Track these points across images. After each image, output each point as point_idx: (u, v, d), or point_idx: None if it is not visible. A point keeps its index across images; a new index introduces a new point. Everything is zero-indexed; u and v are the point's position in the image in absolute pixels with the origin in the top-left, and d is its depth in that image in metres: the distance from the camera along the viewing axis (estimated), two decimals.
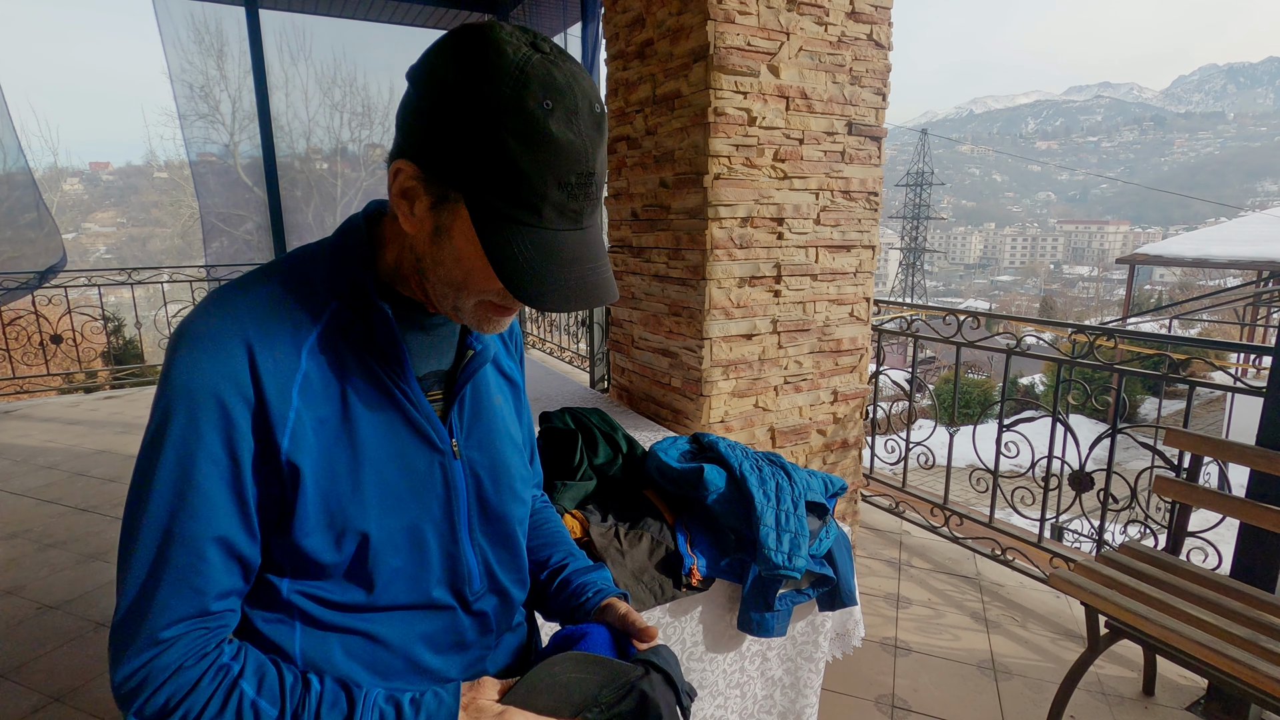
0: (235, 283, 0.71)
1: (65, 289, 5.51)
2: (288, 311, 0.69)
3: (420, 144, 0.63)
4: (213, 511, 0.65)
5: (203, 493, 0.64)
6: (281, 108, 5.49)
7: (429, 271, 0.69)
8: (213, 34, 5.21)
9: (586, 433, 1.88)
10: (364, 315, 0.71)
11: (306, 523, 0.68)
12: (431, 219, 0.66)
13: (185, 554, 0.64)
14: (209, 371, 0.64)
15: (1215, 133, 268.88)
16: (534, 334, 6.64)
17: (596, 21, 4.45)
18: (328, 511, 0.69)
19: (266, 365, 0.66)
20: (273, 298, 0.69)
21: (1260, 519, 1.91)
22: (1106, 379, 9.22)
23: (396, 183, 0.65)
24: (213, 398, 0.64)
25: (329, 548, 0.70)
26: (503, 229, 0.63)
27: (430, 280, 0.70)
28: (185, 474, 0.64)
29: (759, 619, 1.56)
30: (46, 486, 3.80)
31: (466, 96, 0.60)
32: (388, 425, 0.72)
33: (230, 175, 5.63)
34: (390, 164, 0.66)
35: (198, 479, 0.64)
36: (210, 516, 0.65)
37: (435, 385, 0.79)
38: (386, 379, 0.72)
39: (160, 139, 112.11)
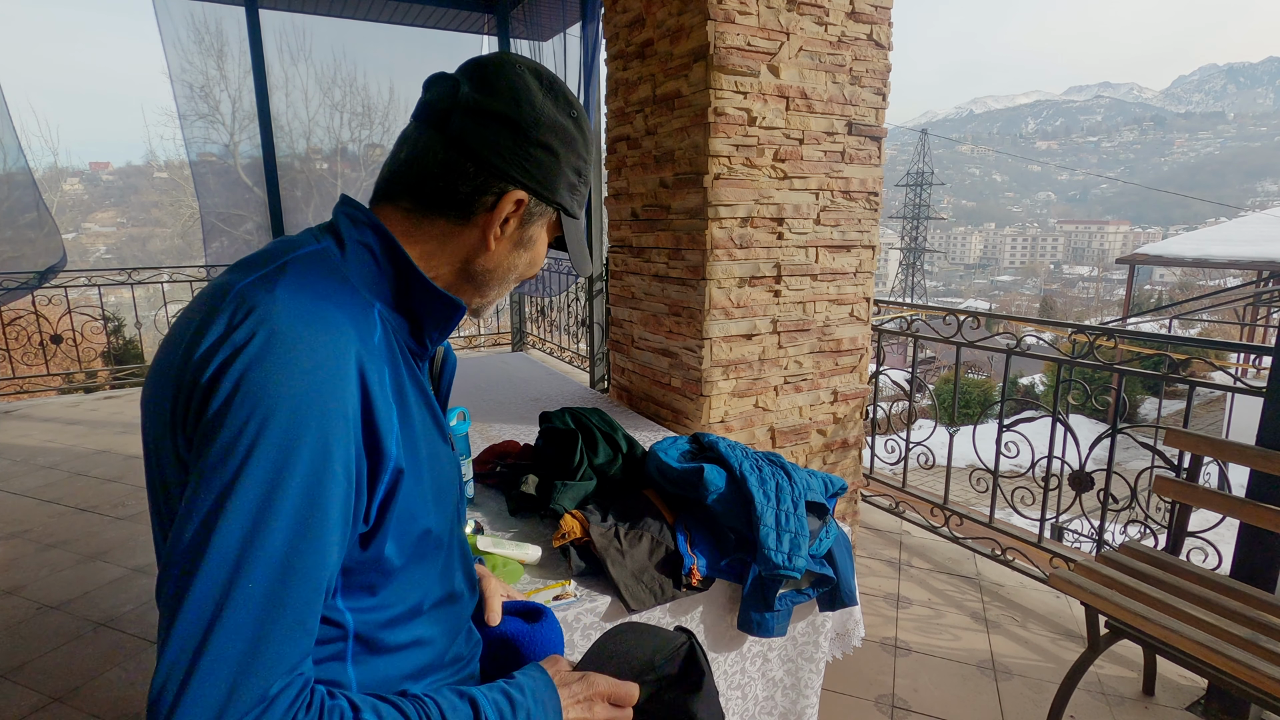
0: (288, 281, 0.62)
1: (65, 289, 5.51)
2: (358, 312, 0.65)
3: (525, 173, 0.73)
4: (332, 540, 0.58)
5: (328, 520, 0.57)
6: (281, 108, 5.48)
7: (490, 275, 0.77)
8: (213, 34, 5.21)
9: (586, 433, 1.88)
10: (411, 316, 0.72)
11: (389, 527, 0.65)
12: (519, 234, 0.76)
13: (306, 590, 0.56)
14: (325, 380, 0.57)
15: (1215, 133, 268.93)
16: (534, 334, 6.64)
17: (596, 21, 4.45)
18: (407, 511, 0.67)
19: (370, 371, 0.62)
20: (344, 299, 0.64)
21: (1260, 519, 1.91)
22: (1106, 379, 9.22)
23: (502, 210, 0.73)
24: (336, 409, 0.57)
25: (402, 549, 0.68)
26: (572, 228, 0.81)
27: (486, 282, 0.78)
28: (312, 498, 0.56)
29: (759, 619, 1.56)
30: (46, 486, 3.80)
31: (552, 131, 0.73)
32: (424, 424, 0.72)
33: (230, 175, 5.62)
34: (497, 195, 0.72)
35: (325, 504, 0.57)
36: (330, 546, 0.58)
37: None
38: (421, 378, 0.74)
39: (160, 139, 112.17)
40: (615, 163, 2.95)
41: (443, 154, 0.71)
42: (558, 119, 0.73)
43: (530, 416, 2.75)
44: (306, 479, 0.56)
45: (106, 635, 2.47)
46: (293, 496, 0.55)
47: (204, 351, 0.57)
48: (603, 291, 4.71)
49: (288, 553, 0.55)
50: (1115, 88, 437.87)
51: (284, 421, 0.55)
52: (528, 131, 0.71)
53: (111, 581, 2.84)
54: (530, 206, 0.75)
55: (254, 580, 0.53)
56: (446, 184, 0.71)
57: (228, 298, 0.60)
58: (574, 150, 0.76)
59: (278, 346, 0.57)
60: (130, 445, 4.48)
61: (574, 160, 0.76)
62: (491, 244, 0.74)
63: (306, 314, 0.60)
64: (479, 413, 2.83)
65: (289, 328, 0.58)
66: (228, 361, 0.56)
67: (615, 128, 2.92)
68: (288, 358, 0.56)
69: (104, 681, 2.23)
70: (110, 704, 2.12)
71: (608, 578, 1.48)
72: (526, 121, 0.71)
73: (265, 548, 0.54)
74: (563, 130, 0.74)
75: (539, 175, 0.74)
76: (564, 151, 0.75)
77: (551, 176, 0.75)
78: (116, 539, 3.20)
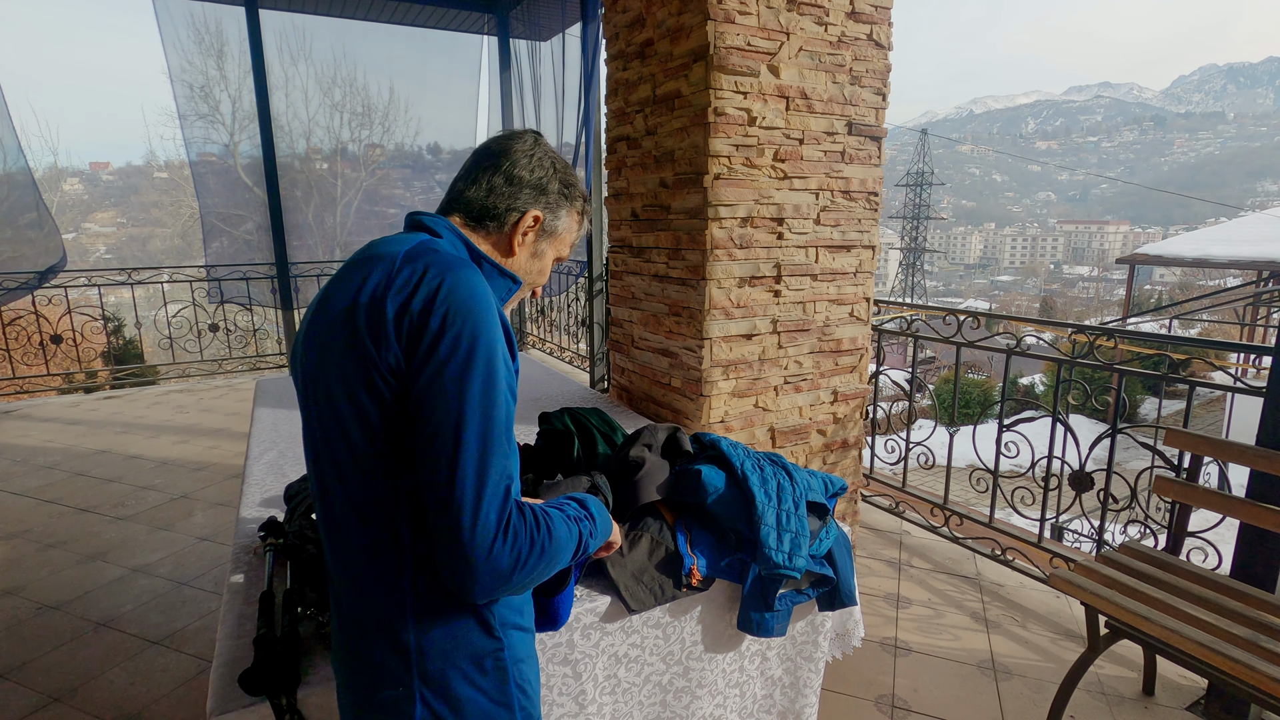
0: (457, 268, 0.89)
1: (65, 289, 5.51)
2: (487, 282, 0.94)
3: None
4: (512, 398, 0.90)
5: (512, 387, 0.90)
6: (281, 108, 5.48)
7: (515, 270, 1.08)
8: (213, 34, 5.21)
9: (585, 433, 1.88)
10: (504, 297, 1.04)
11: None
12: (535, 244, 1.08)
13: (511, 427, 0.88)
14: (493, 305, 0.88)
15: (1215, 133, 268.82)
16: (534, 334, 6.65)
17: (596, 21, 4.45)
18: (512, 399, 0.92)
19: (502, 316, 0.91)
20: (477, 272, 0.91)
21: (1260, 519, 1.91)
22: (1106, 379, 9.21)
23: (523, 225, 1.05)
24: (499, 322, 0.88)
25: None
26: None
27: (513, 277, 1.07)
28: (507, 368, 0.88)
29: (759, 619, 1.56)
30: (46, 486, 3.80)
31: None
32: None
33: (230, 175, 5.62)
34: (519, 214, 1.05)
35: (509, 376, 0.89)
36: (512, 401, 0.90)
37: None
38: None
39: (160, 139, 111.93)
40: (615, 163, 2.95)
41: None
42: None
43: (530, 416, 2.75)
44: (504, 358, 0.86)
45: (106, 635, 2.47)
46: (501, 368, 0.85)
47: (403, 293, 0.85)
48: (603, 291, 4.71)
49: (506, 405, 0.86)
50: (1115, 88, 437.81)
51: (486, 327, 0.85)
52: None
53: (111, 581, 2.84)
54: (545, 224, 1.07)
55: (495, 423, 0.84)
56: (492, 204, 1.04)
57: (398, 261, 0.88)
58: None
59: (464, 283, 0.86)
60: (130, 445, 4.48)
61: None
62: (516, 248, 1.06)
63: (468, 272, 0.88)
64: None
65: (462, 273, 0.87)
66: (433, 295, 0.84)
67: (615, 128, 2.92)
68: (473, 290, 0.86)
69: (104, 681, 2.23)
70: (110, 704, 2.12)
71: (607, 578, 1.48)
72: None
73: (496, 403, 0.84)
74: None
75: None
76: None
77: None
78: (116, 539, 3.20)
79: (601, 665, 1.48)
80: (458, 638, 0.90)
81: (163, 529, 3.30)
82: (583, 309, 5.26)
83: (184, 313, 6.01)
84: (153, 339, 6.67)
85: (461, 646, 0.90)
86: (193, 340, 6.07)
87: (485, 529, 0.80)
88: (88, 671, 2.27)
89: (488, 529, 0.81)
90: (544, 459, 1.92)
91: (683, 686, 1.61)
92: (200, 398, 5.67)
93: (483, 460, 0.82)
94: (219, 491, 3.76)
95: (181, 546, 3.13)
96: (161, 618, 2.58)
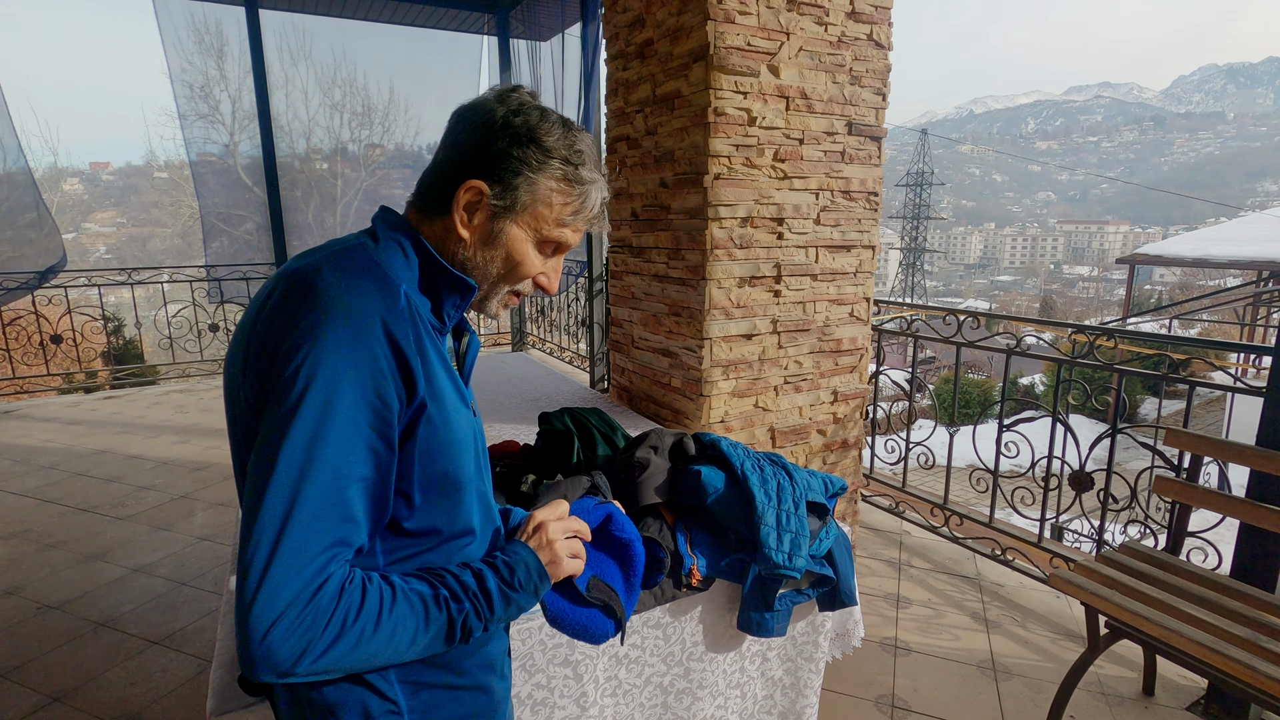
0: (333, 260, 0.78)
1: (65, 289, 5.51)
2: (385, 286, 0.78)
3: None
4: (367, 449, 0.74)
5: (365, 433, 0.74)
6: (281, 108, 5.48)
7: (473, 266, 0.87)
8: (213, 34, 5.21)
9: (585, 433, 1.88)
10: (430, 293, 0.84)
11: (414, 462, 0.78)
12: (489, 226, 0.86)
13: (351, 490, 0.73)
14: (358, 331, 0.73)
15: (1215, 133, 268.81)
16: (534, 334, 6.64)
17: (596, 21, 4.45)
18: (427, 451, 0.79)
19: (398, 329, 0.75)
20: (375, 276, 0.78)
21: (1260, 519, 1.91)
22: (1106, 379, 9.21)
23: (460, 201, 0.84)
24: (367, 353, 0.72)
25: (421, 485, 0.80)
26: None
27: (472, 274, 0.87)
28: (353, 418, 0.72)
29: (759, 619, 1.56)
30: (46, 486, 3.80)
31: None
32: (446, 384, 0.82)
33: (230, 175, 5.62)
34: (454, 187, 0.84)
35: (360, 421, 0.73)
36: (367, 454, 0.74)
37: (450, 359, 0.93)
38: (442, 349, 0.85)
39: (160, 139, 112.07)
40: (615, 163, 2.95)
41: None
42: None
43: (530, 416, 2.75)
44: (349, 403, 0.71)
45: (106, 635, 2.47)
46: (340, 419, 0.70)
47: (269, 314, 0.74)
48: (603, 291, 4.71)
49: (339, 460, 0.70)
50: (1115, 88, 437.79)
51: (331, 362, 0.70)
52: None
53: (111, 581, 2.84)
54: (490, 199, 0.83)
55: (313, 481, 0.69)
56: (433, 180, 0.86)
57: (287, 276, 0.77)
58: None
59: (321, 306, 0.72)
60: (130, 445, 4.48)
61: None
62: (461, 230, 0.84)
63: (341, 284, 0.75)
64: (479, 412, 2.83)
65: (327, 293, 0.73)
66: (288, 320, 0.72)
67: (615, 128, 2.92)
68: (330, 314, 0.72)
69: (104, 681, 2.23)
70: (110, 704, 2.12)
71: None
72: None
73: (321, 456, 0.70)
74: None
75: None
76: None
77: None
78: (116, 539, 3.20)
79: (602, 666, 1.48)
80: (344, 690, 0.79)
81: (163, 529, 3.30)
82: (583, 309, 5.26)
83: (184, 313, 6.01)
84: (153, 339, 6.67)
85: (349, 703, 0.80)
86: (193, 340, 6.07)
87: (267, 608, 0.66)
88: (88, 671, 2.27)
89: (270, 608, 0.66)
90: (544, 459, 1.92)
91: (684, 688, 1.61)
92: (200, 398, 5.68)
93: (286, 525, 0.68)
94: (219, 491, 3.76)
95: (181, 546, 3.13)
96: (161, 618, 2.58)
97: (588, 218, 0.89)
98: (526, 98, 0.85)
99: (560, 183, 0.85)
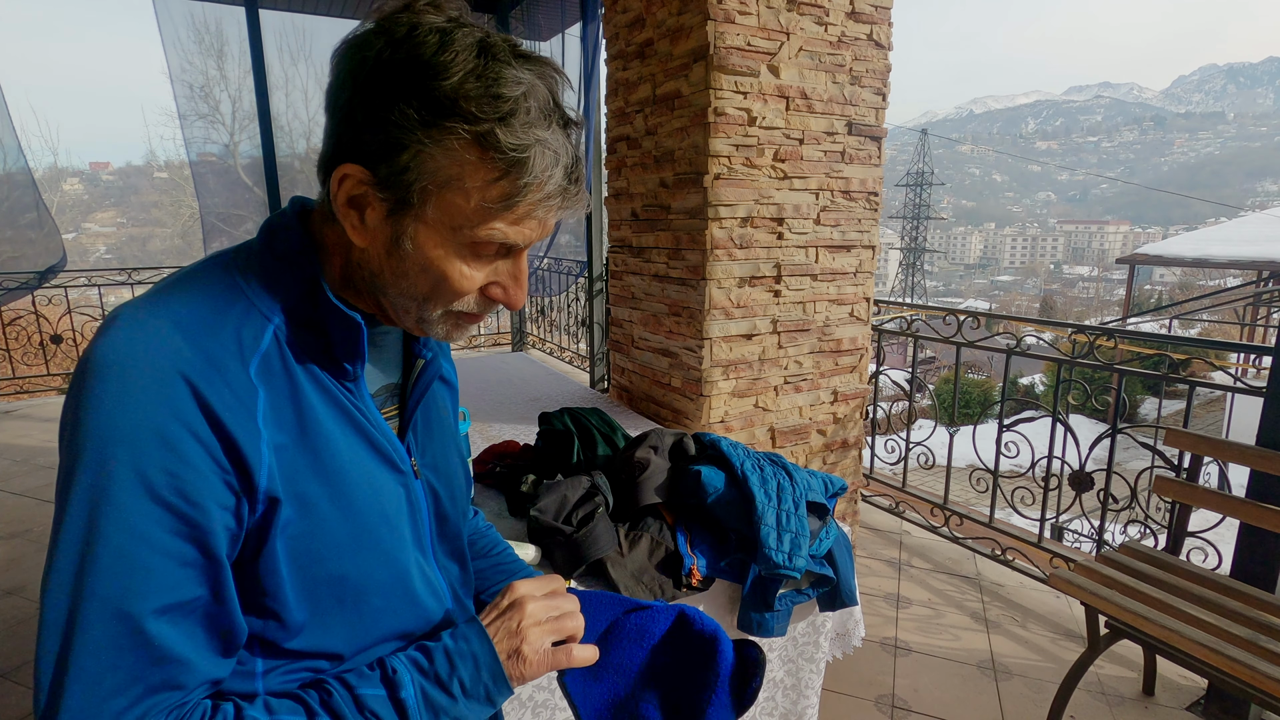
0: (148, 299, 0.57)
1: (65, 289, 5.51)
2: (226, 330, 0.56)
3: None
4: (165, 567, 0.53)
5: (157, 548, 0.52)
6: (281, 108, 5.48)
7: (378, 278, 0.62)
8: (213, 34, 5.21)
9: (585, 433, 1.88)
10: (318, 329, 0.61)
11: (279, 568, 0.58)
12: (386, 229, 0.60)
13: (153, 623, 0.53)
14: (135, 410, 0.51)
15: (1215, 133, 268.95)
16: (534, 334, 6.64)
17: (596, 21, 4.45)
18: (306, 552, 0.59)
19: (220, 395, 0.54)
20: (201, 315, 0.56)
21: (1260, 519, 1.91)
22: (1106, 379, 9.21)
23: (340, 195, 0.60)
24: (150, 438, 0.51)
25: (306, 596, 0.60)
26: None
27: (382, 288, 0.63)
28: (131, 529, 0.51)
29: (759, 619, 1.56)
30: (46, 486, 3.80)
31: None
32: (350, 452, 0.62)
33: (230, 175, 5.62)
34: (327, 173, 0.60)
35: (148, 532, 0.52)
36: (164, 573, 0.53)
37: (389, 401, 0.71)
38: (344, 399, 0.62)
39: (160, 139, 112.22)
40: (615, 163, 2.95)
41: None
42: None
43: (530, 416, 2.75)
44: (125, 516, 0.50)
45: None
46: (113, 536, 0.50)
47: None
48: (603, 291, 4.71)
49: (120, 594, 0.50)
50: (1115, 88, 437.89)
51: (92, 458, 0.50)
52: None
53: None
54: (376, 190, 0.56)
55: (88, 616, 0.50)
56: (319, 167, 0.60)
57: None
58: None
59: (90, 377, 0.52)
60: None
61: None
62: (354, 237, 0.59)
63: (132, 338, 0.53)
64: (479, 413, 2.83)
65: (105, 355, 0.52)
66: (67, 394, 0.54)
67: (615, 128, 2.92)
68: (97, 389, 0.51)
69: None
70: None
71: (607, 578, 1.48)
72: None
73: (95, 591, 0.50)
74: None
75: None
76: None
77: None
78: None
79: None
80: None
81: None
82: (583, 309, 5.26)
83: None
84: None
85: None
86: None
87: None
88: None
89: None
90: (544, 459, 1.92)
91: None
92: None
93: (60, 661, 0.50)
94: None
95: None
96: None
97: (536, 200, 0.57)
98: (428, 15, 0.54)
99: (471, 153, 0.54)
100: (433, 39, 0.53)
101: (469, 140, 0.54)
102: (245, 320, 0.57)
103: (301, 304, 0.60)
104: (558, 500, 1.56)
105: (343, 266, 0.63)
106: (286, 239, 0.61)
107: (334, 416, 0.61)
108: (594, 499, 1.59)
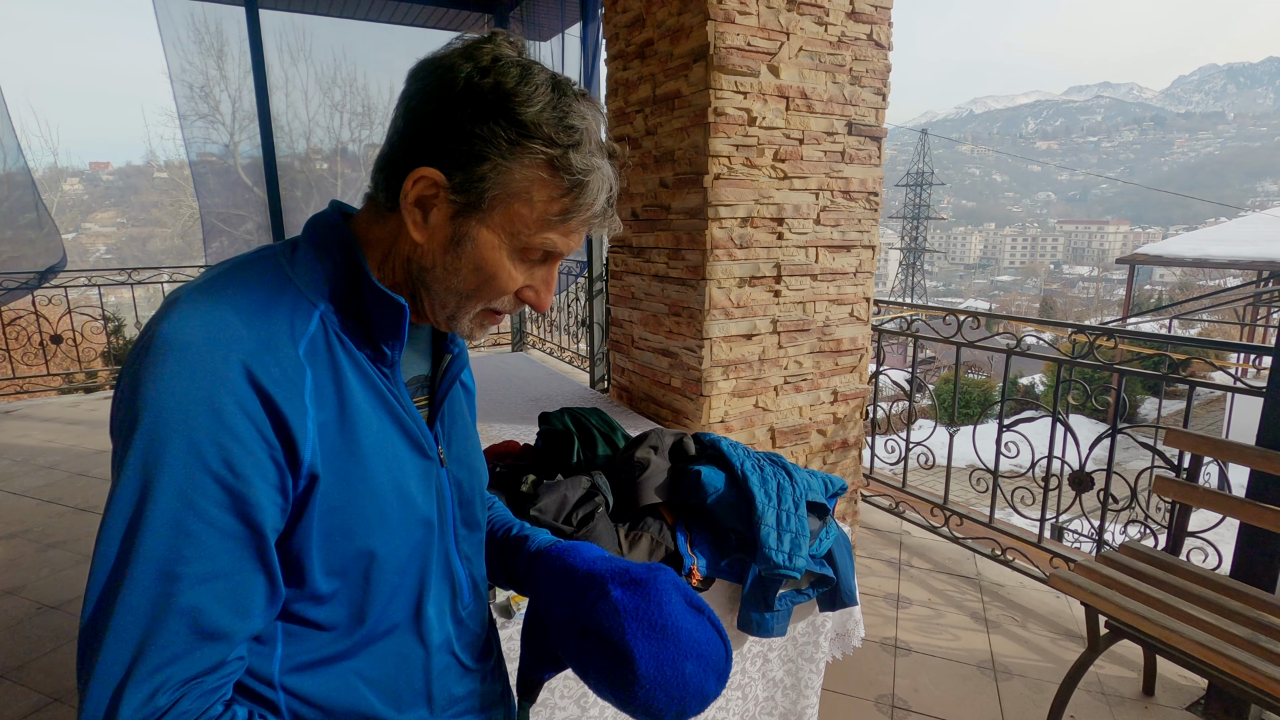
0: (205, 286, 0.62)
1: (65, 289, 5.51)
2: (279, 314, 0.62)
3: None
4: (216, 541, 0.57)
5: (208, 520, 0.57)
6: (281, 108, 5.48)
7: (431, 276, 0.68)
8: (213, 34, 5.20)
9: (585, 433, 1.88)
10: (360, 316, 0.66)
11: (311, 541, 0.62)
12: (449, 228, 0.67)
13: (196, 594, 0.56)
14: (194, 386, 0.55)
15: (1215, 133, 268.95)
16: (534, 334, 6.64)
17: (596, 21, 4.45)
18: (338, 527, 0.63)
19: (271, 374, 0.58)
20: (257, 301, 0.61)
21: (1260, 519, 1.91)
22: (1106, 379, 9.20)
23: (410, 194, 0.66)
24: (206, 413, 0.55)
25: (333, 571, 0.64)
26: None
27: (431, 285, 0.68)
28: (186, 501, 0.55)
29: (759, 619, 1.56)
30: (46, 486, 3.80)
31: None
32: (383, 433, 0.67)
33: (230, 175, 5.62)
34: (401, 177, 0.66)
35: (202, 506, 0.56)
36: (217, 548, 0.57)
37: (419, 391, 0.76)
38: (381, 384, 0.67)
39: (160, 139, 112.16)
40: (615, 163, 2.95)
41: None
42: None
43: (530, 416, 2.75)
44: (177, 483, 0.54)
45: None
46: (163, 501, 0.54)
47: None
48: (603, 291, 4.71)
49: (166, 556, 0.54)
50: (1115, 88, 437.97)
51: (148, 427, 0.54)
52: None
53: None
54: (448, 193, 0.63)
55: (134, 585, 0.53)
56: (379, 167, 0.67)
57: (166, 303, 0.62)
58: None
59: (155, 353, 0.56)
60: None
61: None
62: (414, 233, 0.65)
63: (194, 320, 0.58)
64: (479, 413, 2.83)
65: (168, 335, 0.56)
66: (124, 368, 0.59)
67: (615, 128, 2.92)
68: (159, 365, 0.55)
69: None
70: None
71: None
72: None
73: (141, 552, 0.53)
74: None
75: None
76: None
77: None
78: None
79: None
80: None
81: None
82: (583, 309, 5.26)
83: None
84: None
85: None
86: None
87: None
88: None
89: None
90: (544, 459, 1.92)
91: None
92: None
93: (100, 619, 0.53)
94: None
95: None
96: None
97: (585, 218, 0.67)
98: (505, 49, 0.64)
99: (544, 171, 0.63)
100: (515, 71, 0.62)
101: (544, 161, 0.63)
102: (295, 306, 0.63)
103: (346, 291, 0.66)
104: (558, 500, 1.56)
105: (380, 262, 0.69)
106: (332, 234, 0.68)
107: (370, 399, 0.66)
108: (594, 499, 1.59)
